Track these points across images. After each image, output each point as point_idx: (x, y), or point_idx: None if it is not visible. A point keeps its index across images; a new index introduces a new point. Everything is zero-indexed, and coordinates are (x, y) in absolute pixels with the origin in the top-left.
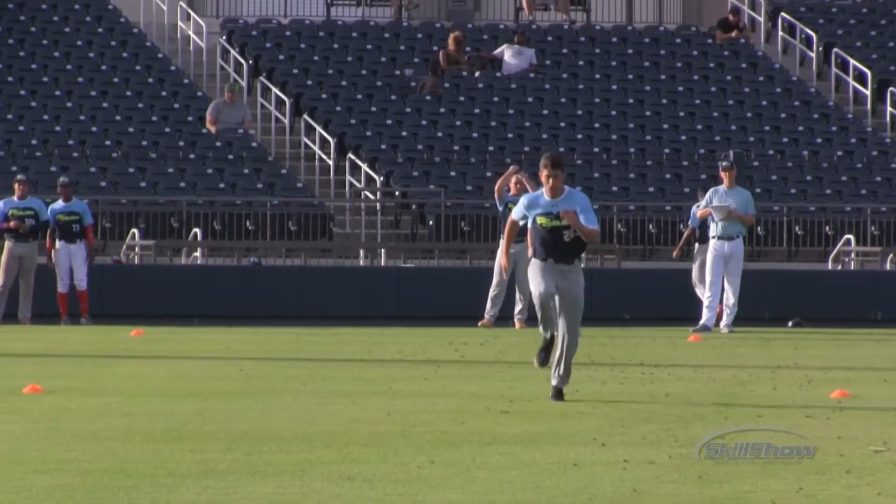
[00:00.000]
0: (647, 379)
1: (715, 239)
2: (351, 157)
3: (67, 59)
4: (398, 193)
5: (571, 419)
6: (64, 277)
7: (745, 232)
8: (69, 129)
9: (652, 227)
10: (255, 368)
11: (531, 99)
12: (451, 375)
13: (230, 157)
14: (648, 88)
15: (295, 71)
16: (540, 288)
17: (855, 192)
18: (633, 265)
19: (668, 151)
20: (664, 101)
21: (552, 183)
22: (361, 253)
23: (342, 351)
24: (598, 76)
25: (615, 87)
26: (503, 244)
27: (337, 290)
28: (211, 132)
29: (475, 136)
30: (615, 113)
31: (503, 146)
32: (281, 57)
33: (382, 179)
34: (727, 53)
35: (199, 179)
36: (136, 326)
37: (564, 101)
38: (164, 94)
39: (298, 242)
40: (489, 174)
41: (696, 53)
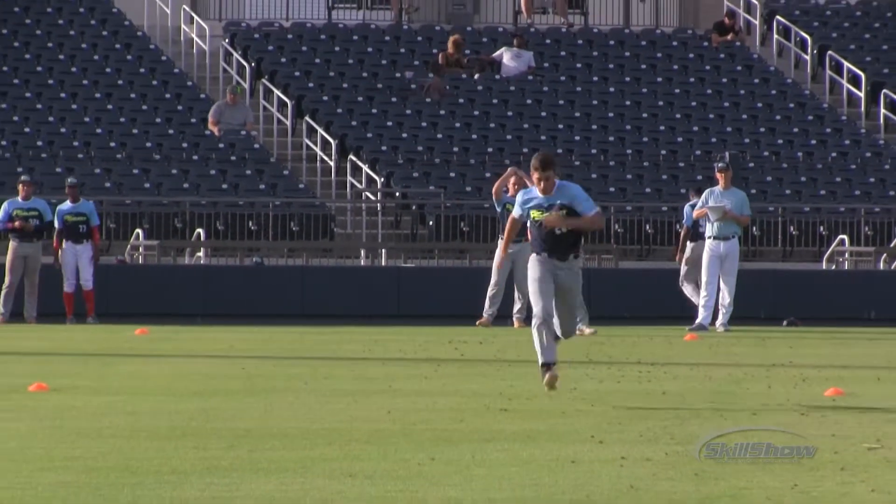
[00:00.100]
0: (643, 377)
1: (711, 239)
2: (352, 158)
3: (72, 61)
4: (398, 194)
5: (569, 417)
6: (70, 277)
7: (740, 232)
8: (74, 130)
9: (649, 227)
10: (257, 367)
11: (530, 101)
12: (450, 374)
13: (233, 158)
14: (645, 91)
15: (297, 73)
16: (536, 273)
17: (849, 192)
18: (630, 265)
19: (664, 153)
20: (661, 103)
21: (543, 185)
22: (362, 253)
23: (343, 350)
24: (595, 78)
25: (612, 89)
26: (502, 241)
27: (338, 289)
28: (214, 134)
29: (474, 137)
30: (612, 115)
31: (502, 147)
32: (283, 59)
33: (383, 180)
34: (723, 56)
35: (202, 180)
36: (140, 325)
37: (562, 103)
38: (167, 96)
39: (300, 242)
40: (488, 175)
41: (692, 56)
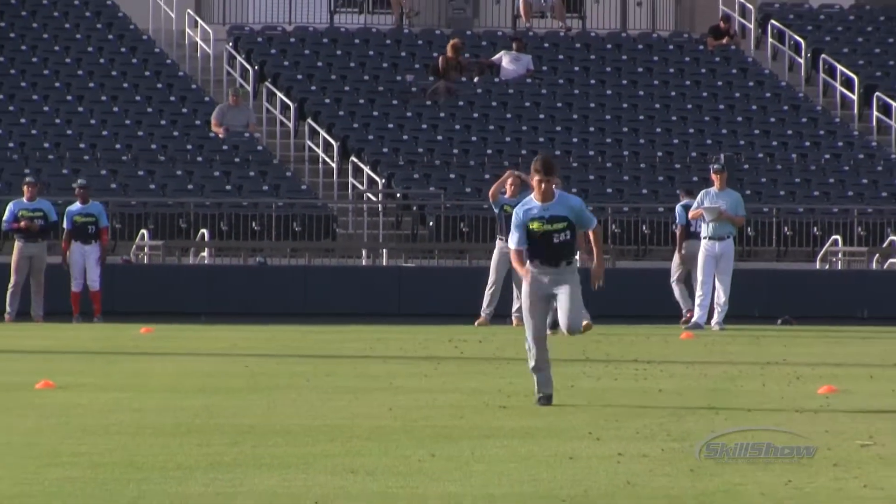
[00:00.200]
0: (640, 375)
1: (706, 239)
2: (354, 159)
3: (79, 64)
4: (399, 195)
5: (567, 414)
6: (78, 277)
7: (735, 232)
8: (80, 132)
9: (645, 227)
10: (260, 365)
11: (528, 104)
12: (450, 372)
13: (237, 159)
14: (642, 93)
15: (299, 76)
16: (529, 299)
17: (842, 193)
18: (627, 265)
19: (661, 154)
20: (657, 105)
21: (544, 188)
22: (364, 253)
23: (345, 348)
24: (593, 81)
25: (610, 92)
26: (517, 266)
27: (340, 288)
28: (217, 135)
29: (474, 139)
30: (610, 117)
31: (501, 149)
32: (286, 63)
33: (384, 181)
34: (718, 59)
35: (206, 181)
36: (145, 324)
37: (560, 105)
38: (172, 98)
39: (303, 243)
40: (487, 176)
41: (688, 59)
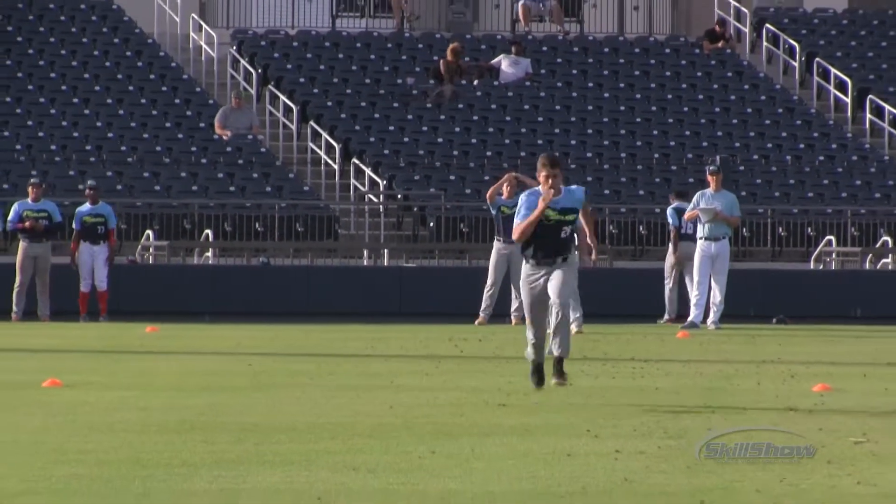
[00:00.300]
0: (637, 374)
1: (702, 240)
2: (355, 161)
3: (85, 68)
4: (400, 196)
5: (565, 412)
6: (86, 277)
7: (730, 233)
8: (87, 134)
9: (642, 228)
10: (264, 363)
11: (527, 106)
12: (451, 370)
13: (240, 161)
14: (639, 96)
15: (302, 79)
16: (529, 299)
17: (836, 195)
18: (624, 265)
19: (657, 156)
20: (654, 108)
21: (552, 182)
22: (365, 253)
23: (347, 347)
24: (590, 84)
25: (607, 94)
26: (532, 220)
27: (342, 288)
28: (221, 137)
29: (474, 141)
30: (607, 119)
31: (500, 151)
32: (288, 66)
33: (385, 183)
34: (714, 63)
35: (210, 183)
36: (150, 323)
37: (559, 108)
38: (177, 101)
39: (305, 243)
40: (487, 178)
41: (684, 63)
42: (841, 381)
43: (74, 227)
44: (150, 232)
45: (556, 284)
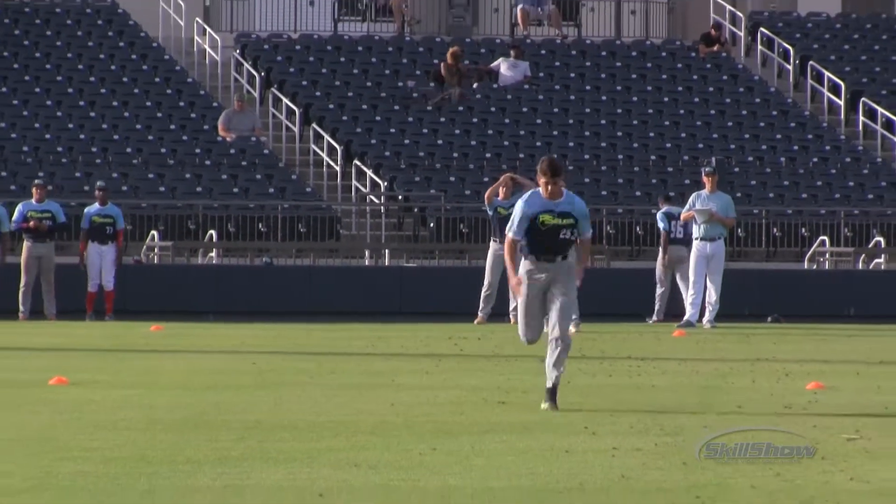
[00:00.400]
0: (634, 372)
1: (698, 240)
2: (357, 163)
3: (91, 71)
4: (401, 197)
5: (563, 409)
6: (94, 277)
7: (726, 233)
8: (92, 136)
9: (639, 229)
10: (267, 362)
11: (526, 109)
12: (451, 369)
13: (243, 163)
14: (636, 99)
15: (304, 83)
16: (524, 299)
17: (829, 196)
18: (621, 265)
19: (654, 158)
20: (650, 110)
21: (551, 189)
22: (366, 253)
23: (349, 346)
24: (588, 87)
25: (604, 97)
26: (508, 266)
27: (343, 288)
28: (224, 139)
29: (473, 143)
30: (604, 122)
31: (499, 153)
32: (291, 69)
33: (386, 184)
34: (709, 66)
35: (214, 184)
36: (155, 322)
37: (557, 110)
38: (181, 104)
39: (307, 243)
40: (486, 179)
41: (680, 66)
42: (834, 379)
43: (83, 226)
44: (154, 232)
45: (556, 318)
